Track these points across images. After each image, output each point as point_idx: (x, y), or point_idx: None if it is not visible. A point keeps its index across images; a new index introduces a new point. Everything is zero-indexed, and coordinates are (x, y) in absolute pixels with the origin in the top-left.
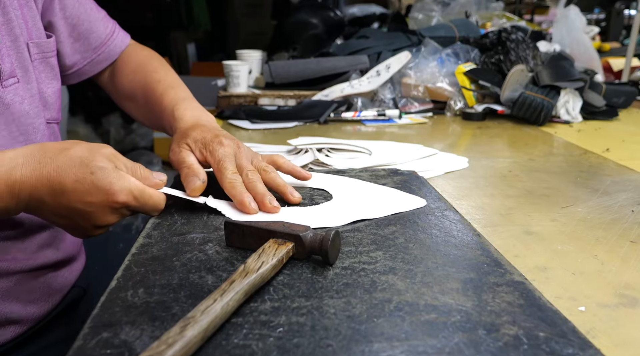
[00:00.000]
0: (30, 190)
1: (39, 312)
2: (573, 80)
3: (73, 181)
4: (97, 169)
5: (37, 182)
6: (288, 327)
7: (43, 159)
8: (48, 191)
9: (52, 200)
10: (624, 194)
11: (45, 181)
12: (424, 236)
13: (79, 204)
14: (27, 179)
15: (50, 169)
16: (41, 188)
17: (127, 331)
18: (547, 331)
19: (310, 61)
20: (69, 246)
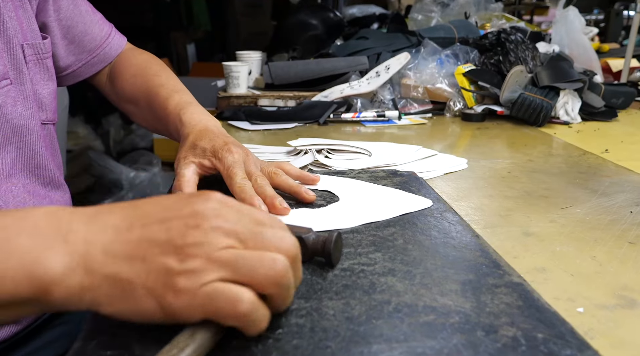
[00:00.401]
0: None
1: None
2: (572, 81)
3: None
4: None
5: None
6: (287, 328)
7: None
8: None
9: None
10: (623, 195)
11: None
12: (423, 238)
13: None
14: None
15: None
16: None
17: (127, 333)
18: (545, 332)
19: (310, 62)
20: None
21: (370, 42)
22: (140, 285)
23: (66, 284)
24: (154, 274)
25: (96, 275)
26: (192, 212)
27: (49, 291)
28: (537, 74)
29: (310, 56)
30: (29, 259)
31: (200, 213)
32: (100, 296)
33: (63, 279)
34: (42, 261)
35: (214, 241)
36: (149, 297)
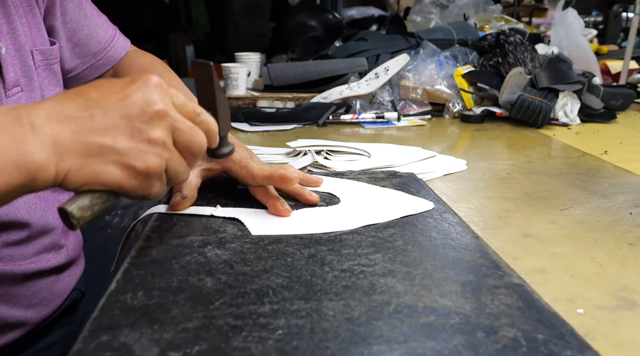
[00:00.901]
0: (49, 111)
1: (39, 316)
2: (571, 82)
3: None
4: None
5: (57, 100)
6: (287, 330)
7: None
8: (75, 100)
9: (82, 110)
10: (622, 197)
11: (67, 97)
12: (422, 239)
13: (115, 100)
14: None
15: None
16: (62, 101)
17: (127, 334)
18: (545, 333)
19: (309, 64)
20: (71, 251)
21: (369, 44)
22: (107, 160)
23: (47, 169)
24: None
25: (69, 157)
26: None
27: (35, 177)
28: (536, 75)
29: (309, 58)
30: (14, 153)
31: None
32: (72, 174)
33: (45, 165)
34: (25, 153)
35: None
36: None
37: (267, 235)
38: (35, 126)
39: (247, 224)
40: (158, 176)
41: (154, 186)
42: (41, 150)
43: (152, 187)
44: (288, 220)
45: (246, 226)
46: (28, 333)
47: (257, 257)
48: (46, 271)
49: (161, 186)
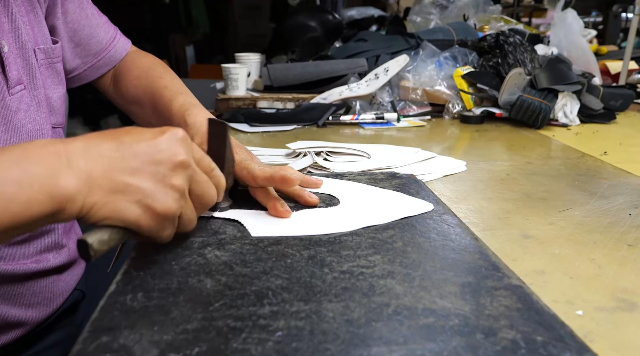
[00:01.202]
0: (85, 145)
1: (40, 316)
2: (571, 83)
3: (133, 130)
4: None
5: (93, 138)
6: (287, 331)
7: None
8: (110, 140)
9: (115, 151)
10: (621, 198)
11: (103, 136)
12: (422, 240)
13: (146, 147)
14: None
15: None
16: (98, 140)
17: (127, 336)
18: (544, 335)
19: (309, 64)
20: (72, 251)
21: (369, 45)
22: (131, 199)
23: (76, 201)
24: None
25: (97, 192)
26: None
27: (64, 208)
28: (536, 76)
29: (309, 58)
30: (50, 184)
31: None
32: (97, 208)
33: (75, 197)
34: (60, 185)
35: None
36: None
37: (266, 237)
38: (72, 160)
39: (247, 225)
40: (172, 220)
41: (167, 229)
42: (75, 183)
43: (165, 230)
44: (288, 221)
45: (246, 227)
46: (28, 333)
47: (257, 258)
48: (47, 271)
49: (172, 230)
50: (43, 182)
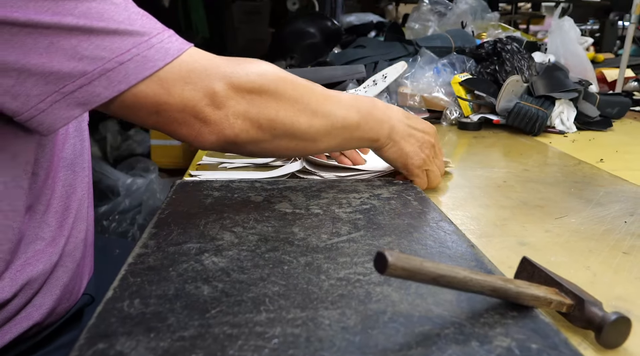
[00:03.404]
0: (393, 115)
1: (49, 320)
2: (567, 90)
3: (408, 114)
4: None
5: (397, 109)
6: (283, 338)
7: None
8: (401, 117)
9: (404, 124)
10: (617, 205)
11: (399, 110)
12: (418, 247)
13: (419, 124)
14: (388, 108)
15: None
16: (397, 116)
17: (123, 342)
18: (539, 342)
19: (308, 70)
20: (85, 259)
21: (367, 51)
22: (409, 151)
23: (382, 143)
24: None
25: (391, 136)
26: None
27: (377, 144)
28: (533, 83)
29: (308, 64)
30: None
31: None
32: (391, 148)
33: (384, 142)
34: (381, 136)
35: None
36: (413, 154)
37: (268, 237)
38: (392, 129)
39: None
40: (422, 170)
41: (420, 176)
42: (386, 138)
43: (419, 176)
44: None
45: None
46: (40, 333)
47: (254, 265)
48: (58, 278)
49: (424, 179)
50: (378, 131)
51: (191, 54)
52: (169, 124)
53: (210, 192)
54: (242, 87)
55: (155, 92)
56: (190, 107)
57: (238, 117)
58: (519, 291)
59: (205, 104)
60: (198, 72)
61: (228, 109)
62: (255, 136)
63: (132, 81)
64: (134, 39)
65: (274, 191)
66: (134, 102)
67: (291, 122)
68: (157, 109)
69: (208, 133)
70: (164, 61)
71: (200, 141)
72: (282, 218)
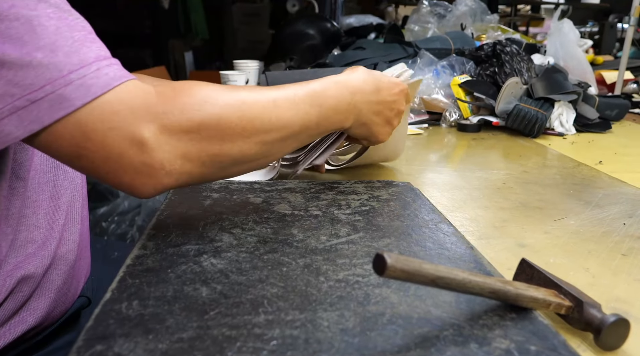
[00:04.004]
0: (360, 95)
1: (45, 323)
2: (567, 93)
3: (377, 81)
4: (377, 73)
5: (366, 86)
6: (282, 340)
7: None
8: (369, 92)
9: (373, 98)
10: (616, 207)
11: (369, 84)
12: (417, 249)
13: (389, 96)
14: (355, 86)
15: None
16: (365, 92)
17: (121, 344)
18: (538, 344)
19: (307, 72)
20: (81, 261)
21: (367, 53)
22: (378, 125)
23: (348, 127)
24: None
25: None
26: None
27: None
28: (532, 85)
29: (308, 66)
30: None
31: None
32: (358, 127)
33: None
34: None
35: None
36: (382, 128)
37: (266, 239)
38: (355, 108)
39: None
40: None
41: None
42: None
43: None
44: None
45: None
46: (30, 331)
47: (253, 266)
48: (55, 279)
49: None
50: (340, 122)
51: (120, 92)
52: (97, 173)
53: (209, 193)
54: (177, 128)
55: (72, 136)
56: (116, 156)
57: (175, 161)
58: (518, 293)
59: (134, 153)
60: (123, 115)
61: (162, 155)
62: (200, 174)
63: (45, 121)
64: (50, 74)
65: (273, 192)
66: (52, 143)
67: (239, 151)
68: (78, 154)
69: (142, 184)
70: (82, 100)
71: (137, 192)
72: (281, 220)
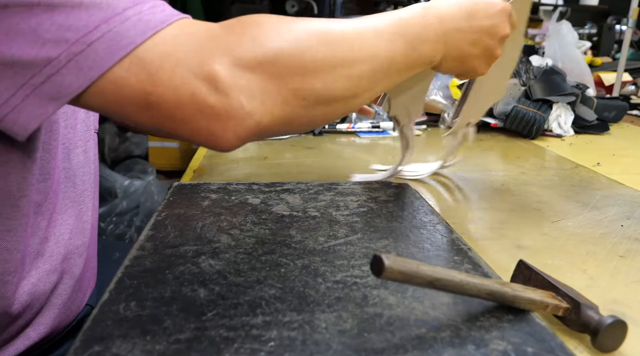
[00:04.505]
0: (450, 20)
1: (48, 338)
2: (565, 94)
3: (470, 5)
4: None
5: (457, 10)
6: (279, 342)
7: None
8: (461, 17)
9: (466, 25)
10: (614, 209)
11: (460, 9)
12: (415, 250)
13: (486, 20)
14: (443, 12)
15: (452, 3)
16: (456, 17)
17: (119, 345)
18: (535, 346)
19: None
20: (89, 273)
21: None
22: (476, 56)
23: (436, 62)
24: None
25: (449, 53)
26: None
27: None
28: (531, 87)
29: None
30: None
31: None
32: (451, 59)
33: (438, 60)
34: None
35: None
36: (481, 60)
37: (264, 240)
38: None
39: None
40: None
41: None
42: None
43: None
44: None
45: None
46: (35, 345)
47: (251, 268)
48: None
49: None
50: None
51: (181, 27)
52: (172, 123)
53: (208, 194)
54: (252, 60)
55: (138, 79)
56: (188, 98)
57: (255, 98)
58: (515, 295)
59: (208, 91)
60: (190, 48)
61: (239, 92)
62: (282, 114)
63: (105, 64)
64: (104, 13)
65: (272, 193)
66: (116, 93)
67: (323, 85)
68: (147, 102)
69: (222, 130)
70: (142, 36)
71: (219, 141)
72: (279, 221)
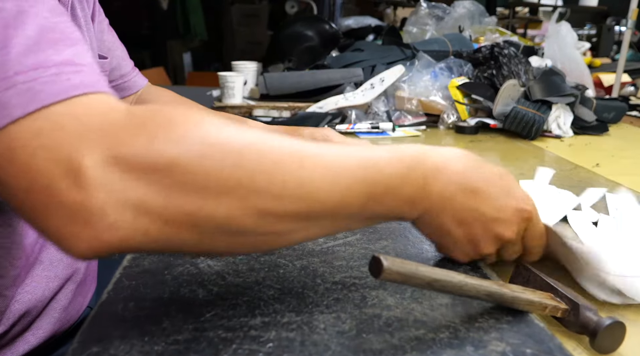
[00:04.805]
0: (441, 185)
1: (48, 341)
2: (564, 95)
3: (484, 181)
4: (505, 174)
5: (459, 178)
6: (278, 342)
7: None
8: (459, 188)
9: (462, 200)
10: None
11: (465, 177)
12: (414, 251)
13: (492, 210)
14: (439, 170)
15: (460, 167)
16: (452, 184)
17: (117, 346)
18: (534, 347)
19: (305, 73)
20: (90, 277)
21: (365, 54)
22: (456, 239)
23: (416, 216)
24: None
25: (433, 220)
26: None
27: (406, 216)
28: (530, 88)
29: (306, 67)
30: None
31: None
32: (427, 225)
33: (418, 215)
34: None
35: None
36: (461, 245)
37: None
38: (428, 185)
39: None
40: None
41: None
42: (425, 207)
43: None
44: None
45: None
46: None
47: (249, 268)
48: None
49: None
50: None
51: (76, 104)
52: (22, 210)
53: None
54: (138, 161)
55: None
56: (41, 187)
57: (125, 209)
58: (514, 296)
59: (66, 186)
60: (67, 133)
61: (105, 196)
62: (162, 237)
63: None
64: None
65: None
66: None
67: (227, 215)
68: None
69: (72, 235)
70: (23, 109)
71: (67, 246)
72: None
